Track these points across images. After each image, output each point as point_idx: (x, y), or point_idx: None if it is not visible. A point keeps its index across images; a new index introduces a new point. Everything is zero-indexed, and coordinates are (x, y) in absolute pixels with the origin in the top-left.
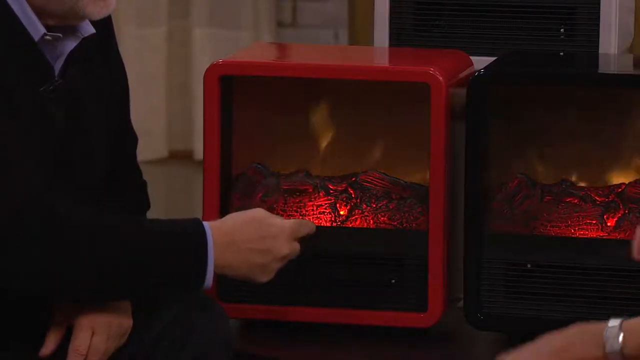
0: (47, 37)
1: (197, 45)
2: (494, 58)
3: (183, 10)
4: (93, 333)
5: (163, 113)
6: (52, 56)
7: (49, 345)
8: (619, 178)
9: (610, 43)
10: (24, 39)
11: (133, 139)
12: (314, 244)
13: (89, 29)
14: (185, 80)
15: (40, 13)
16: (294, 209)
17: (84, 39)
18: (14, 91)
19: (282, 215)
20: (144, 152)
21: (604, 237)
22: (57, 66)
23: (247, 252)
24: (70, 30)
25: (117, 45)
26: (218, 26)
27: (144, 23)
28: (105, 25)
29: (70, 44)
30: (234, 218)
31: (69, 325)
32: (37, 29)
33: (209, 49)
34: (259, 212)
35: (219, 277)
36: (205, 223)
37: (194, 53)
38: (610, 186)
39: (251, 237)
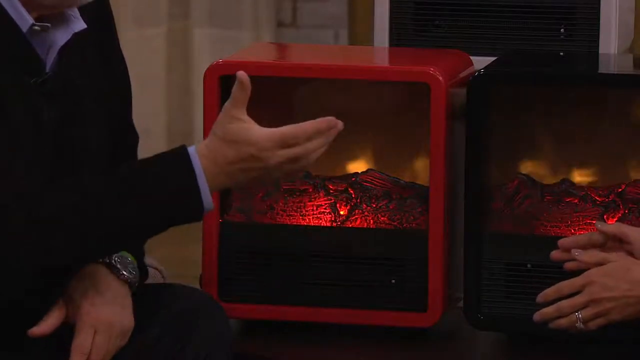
0: (36, 28)
1: (197, 45)
2: (494, 58)
3: (183, 10)
4: (95, 332)
5: (163, 113)
6: (42, 48)
7: (43, 326)
8: (619, 178)
9: (610, 43)
10: (11, 29)
11: (134, 138)
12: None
13: (80, 25)
14: (185, 80)
15: (29, 4)
16: (294, 209)
17: (76, 34)
18: (0, 84)
19: (282, 215)
20: (143, 152)
21: None
22: (49, 59)
23: (239, 172)
24: (61, 23)
25: (119, 45)
26: (218, 26)
27: (144, 23)
28: (104, 23)
29: (62, 37)
30: (214, 142)
31: (71, 324)
32: (24, 19)
33: (209, 49)
34: (233, 131)
35: (219, 278)
36: (191, 149)
37: (194, 53)
38: (610, 186)
39: (235, 159)
